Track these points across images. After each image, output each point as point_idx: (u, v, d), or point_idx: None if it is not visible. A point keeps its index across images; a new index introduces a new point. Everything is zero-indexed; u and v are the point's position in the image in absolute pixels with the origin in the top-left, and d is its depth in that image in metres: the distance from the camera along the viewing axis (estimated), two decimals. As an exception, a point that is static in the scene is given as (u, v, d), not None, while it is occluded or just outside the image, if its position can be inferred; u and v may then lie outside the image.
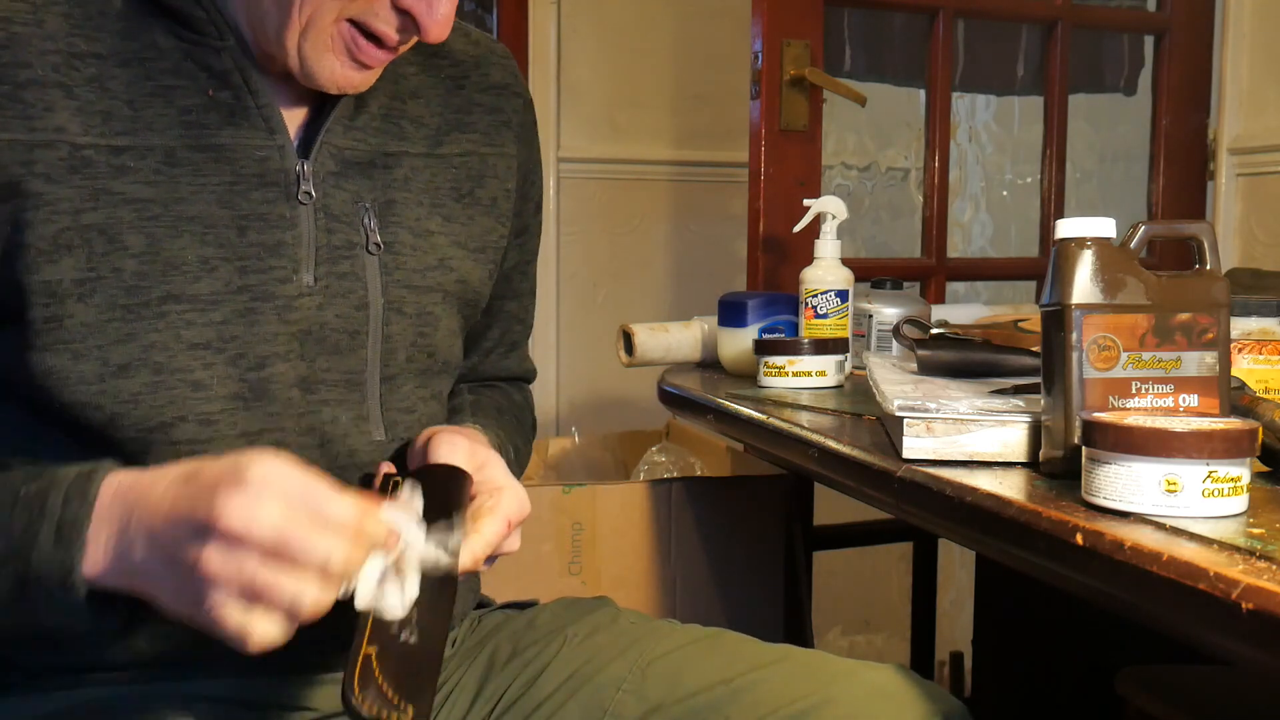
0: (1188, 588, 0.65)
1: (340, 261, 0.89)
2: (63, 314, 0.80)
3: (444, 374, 0.99)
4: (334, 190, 0.90)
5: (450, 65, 1.01)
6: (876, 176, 3.19)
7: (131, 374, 0.81)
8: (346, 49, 0.85)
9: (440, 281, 0.95)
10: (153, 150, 0.83)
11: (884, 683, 0.94)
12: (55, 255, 0.79)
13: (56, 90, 0.80)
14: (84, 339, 0.80)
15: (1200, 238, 0.89)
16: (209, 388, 0.83)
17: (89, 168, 0.81)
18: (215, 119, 0.85)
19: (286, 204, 0.87)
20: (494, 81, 1.03)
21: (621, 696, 0.95)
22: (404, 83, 0.97)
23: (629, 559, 1.64)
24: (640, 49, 2.73)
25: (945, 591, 2.73)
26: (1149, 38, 2.41)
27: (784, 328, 1.57)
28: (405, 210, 0.94)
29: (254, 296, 0.85)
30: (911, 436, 0.94)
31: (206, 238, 0.84)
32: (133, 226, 0.81)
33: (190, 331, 0.83)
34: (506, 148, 1.03)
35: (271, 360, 0.86)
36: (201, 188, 0.84)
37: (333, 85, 0.87)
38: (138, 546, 0.71)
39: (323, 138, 0.89)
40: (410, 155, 0.95)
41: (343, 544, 0.69)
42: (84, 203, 0.80)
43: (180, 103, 0.84)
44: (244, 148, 0.86)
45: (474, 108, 1.01)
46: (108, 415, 0.81)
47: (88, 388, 0.80)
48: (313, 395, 0.88)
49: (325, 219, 0.89)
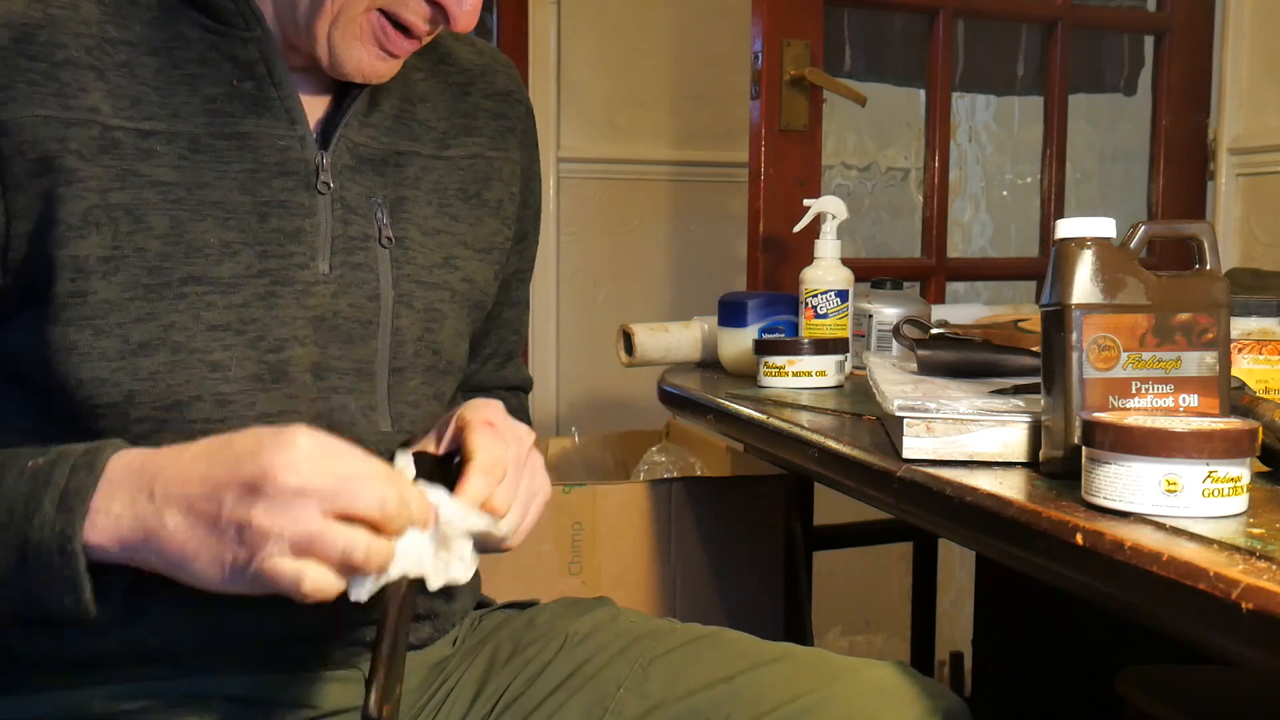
0: (1188, 588, 0.65)
1: (355, 252, 0.91)
2: (87, 289, 0.81)
3: (448, 374, 0.99)
4: (349, 183, 0.92)
5: (457, 72, 1.03)
6: (876, 176, 3.19)
7: (151, 352, 0.82)
8: (375, 38, 0.87)
9: (447, 279, 0.97)
10: (178, 136, 0.85)
11: (884, 680, 0.94)
12: (84, 231, 0.81)
13: (89, 72, 0.83)
14: (106, 315, 0.81)
15: (1200, 238, 0.89)
16: (227, 368, 0.85)
17: (118, 148, 0.82)
18: (239, 108, 0.87)
19: (306, 193, 0.89)
20: (499, 89, 1.05)
21: (622, 695, 0.95)
22: (414, 87, 0.99)
23: (629, 559, 1.64)
24: (640, 49, 2.73)
25: (945, 591, 2.73)
26: (1149, 38, 2.41)
27: (784, 328, 1.57)
28: (415, 208, 0.96)
29: (274, 280, 0.87)
30: (911, 436, 0.94)
31: (229, 222, 0.85)
32: (157, 208, 0.83)
33: (210, 313, 0.84)
34: (510, 152, 1.05)
35: (289, 344, 0.87)
36: (224, 174, 0.86)
37: (359, 74, 0.89)
38: (167, 514, 0.72)
39: (340, 131, 0.91)
40: (420, 156, 0.97)
41: (394, 493, 0.73)
42: (112, 182, 0.82)
43: (205, 91, 0.86)
44: (266, 136, 0.88)
45: (479, 113, 1.03)
46: (125, 392, 0.82)
47: (108, 364, 0.81)
48: (324, 382, 0.90)
49: (342, 210, 0.91)
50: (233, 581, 0.72)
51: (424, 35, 0.89)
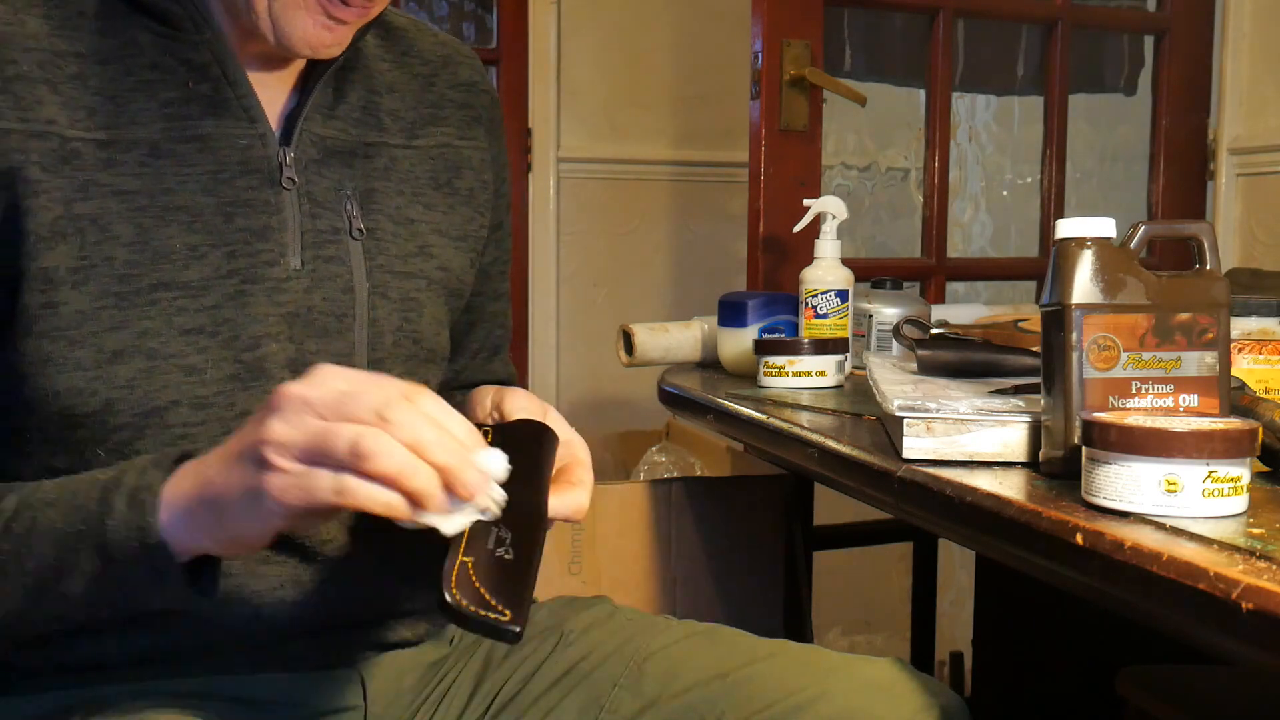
0: (1188, 588, 0.65)
1: (326, 246, 0.91)
2: (58, 300, 0.81)
3: (430, 363, 1.00)
4: (316, 177, 0.92)
5: (421, 64, 1.03)
6: (876, 176, 3.19)
7: (126, 360, 0.82)
8: (319, 4, 0.85)
9: (423, 268, 0.97)
10: (137, 143, 0.84)
11: (880, 676, 0.94)
12: (53, 242, 0.81)
13: (43, 86, 0.82)
14: (79, 325, 0.81)
15: (1200, 238, 0.89)
16: (203, 371, 0.85)
17: (78, 159, 0.82)
18: (196, 110, 0.87)
19: (270, 190, 0.89)
20: (462, 79, 1.06)
21: (618, 692, 0.95)
22: (379, 78, 0.99)
23: (629, 559, 1.64)
24: (640, 49, 2.73)
25: (945, 591, 2.72)
26: (1149, 38, 2.41)
27: (784, 328, 1.57)
28: (385, 199, 0.96)
29: (244, 280, 0.87)
30: (911, 436, 0.94)
31: (194, 226, 0.85)
32: (122, 217, 0.83)
33: (182, 318, 0.84)
34: (479, 141, 1.05)
35: (264, 341, 0.87)
36: (187, 178, 0.86)
37: (306, 46, 0.87)
38: (209, 467, 0.73)
39: (302, 125, 0.91)
40: (389, 146, 0.98)
41: (399, 398, 0.70)
42: (75, 193, 0.82)
43: (161, 96, 0.86)
44: (226, 137, 0.87)
45: (446, 103, 1.03)
46: (103, 400, 0.82)
47: (84, 374, 0.81)
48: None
49: (309, 204, 0.91)
50: (266, 516, 0.70)
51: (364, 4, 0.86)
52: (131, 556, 0.73)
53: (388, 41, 1.01)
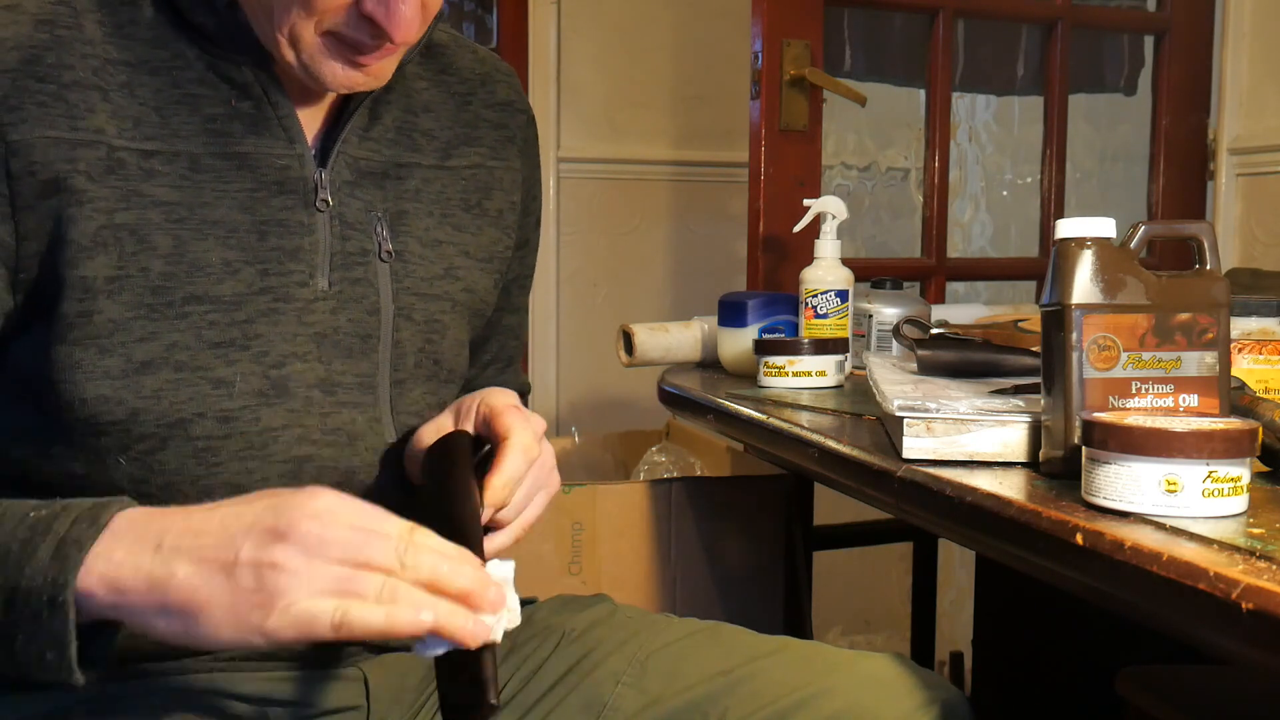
0: (1188, 588, 0.65)
1: (354, 268, 0.91)
2: (93, 309, 0.81)
3: (450, 383, 1.00)
4: (349, 199, 0.92)
5: (458, 82, 1.03)
6: (876, 176, 3.19)
7: (153, 371, 0.83)
8: (340, 55, 0.86)
9: (448, 290, 0.97)
10: (179, 156, 0.85)
11: (881, 671, 0.95)
12: (94, 252, 0.81)
13: (95, 93, 0.83)
14: (111, 334, 0.82)
15: (1200, 238, 0.89)
16: (231, 384, 0.85)
17: (123, 169, 0.83)
18: (238, 128, 0.87)
19: (304, 211, 0.89)
20: (500, 98, 1.05)
21: (620, 690, 0.95)
22: (416, 97, 0.99)
23: (629, 559, 1.64)
24: (640, 49, 2.73)
25: (945, 591, 2.73)
26: (1149, 38, 2.41)
27: (784, 328, 1.57)
28: (415, 220, 0.96)
29: (275, 298, 0.87)
30: (911, 436, 0.94)
31: (229, 241, 0.86)
32: (160, 228, 0.83)
33: (212, 331, 0.84)
34: (511, 161, 1.05)
35: (291, 360, 0.88)
36: (224, 193, 0.86)
37: (343, 87, 0.88)
38: (176, 564, 0.69)
39: (339, 147, 0.92)
40: (422, 167, 0.97)
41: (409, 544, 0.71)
42: (118, 203, 0.82)
43: (205, 111, 0.87)
44: (265, 156, 0.88)
45: (481, 123, 1.03)
46: (129, 410, 0.82)
47: (111, 382, 0.82)
48: (331, 397, 0.90)
49: (340, 226, 0.91)
50: (247, 633, 0.68)
51: (378, 49, 0.86)
52: (35, 610, 0.69)
53: (426, 59, 1.01)
